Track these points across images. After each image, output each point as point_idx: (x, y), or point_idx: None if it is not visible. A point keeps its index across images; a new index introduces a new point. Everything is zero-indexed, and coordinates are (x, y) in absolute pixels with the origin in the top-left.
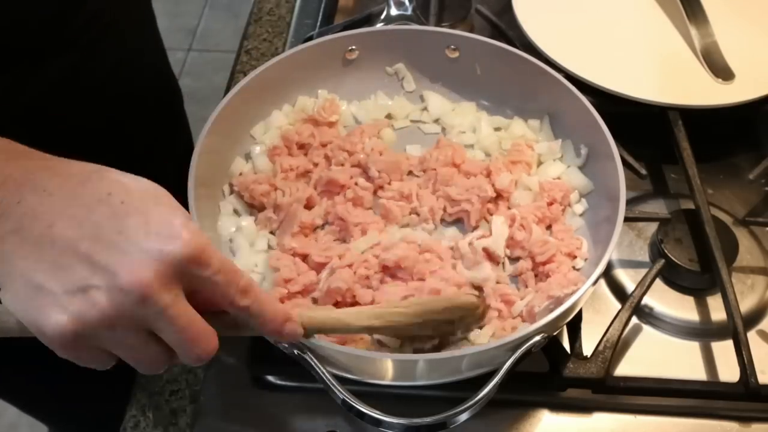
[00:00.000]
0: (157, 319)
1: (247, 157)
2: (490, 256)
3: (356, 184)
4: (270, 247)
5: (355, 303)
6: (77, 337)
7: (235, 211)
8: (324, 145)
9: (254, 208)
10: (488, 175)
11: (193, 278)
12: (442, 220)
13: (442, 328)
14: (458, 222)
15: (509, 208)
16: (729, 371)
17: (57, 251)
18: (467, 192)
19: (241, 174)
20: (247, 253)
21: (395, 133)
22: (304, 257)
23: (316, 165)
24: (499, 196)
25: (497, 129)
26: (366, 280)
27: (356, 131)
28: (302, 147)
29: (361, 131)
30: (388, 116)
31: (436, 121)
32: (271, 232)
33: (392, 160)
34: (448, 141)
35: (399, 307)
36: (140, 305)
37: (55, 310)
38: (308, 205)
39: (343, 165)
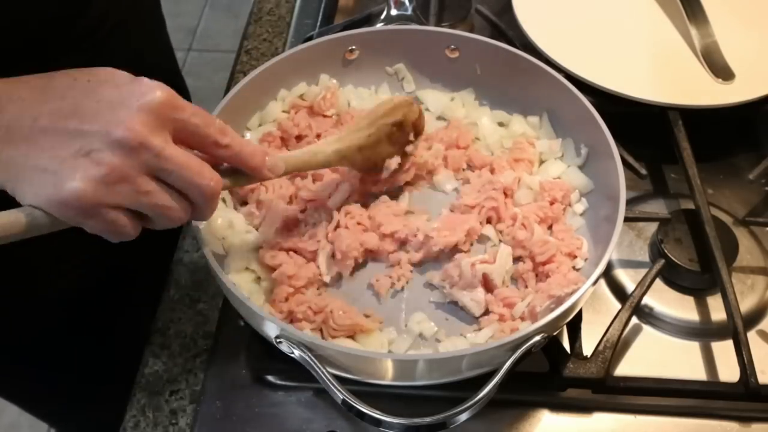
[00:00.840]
0: (158, 161)
1: None
2: (487, 283)
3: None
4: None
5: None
6: (94, 196)
7: (223, 200)
8: (318, 136)
9: (243, 202)
10: (492, 171)
11: (175, 122)
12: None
13: (396, 136)
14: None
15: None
16: (729, 371)
17: (49, 137)
18: (484, 188)
19: None
20: (240, 252)
21: None
22: (295, 251)
23: None
24: (503, 194)
25: (500, 124)
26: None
27: (348, 117)
28: (300, 138)
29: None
30: None
31: (440, 118)
32: (255, 228)
33: None
34: (458, 124)
35: (354, 127)
36: (138, 151)
37: (67, 180)
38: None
39: None
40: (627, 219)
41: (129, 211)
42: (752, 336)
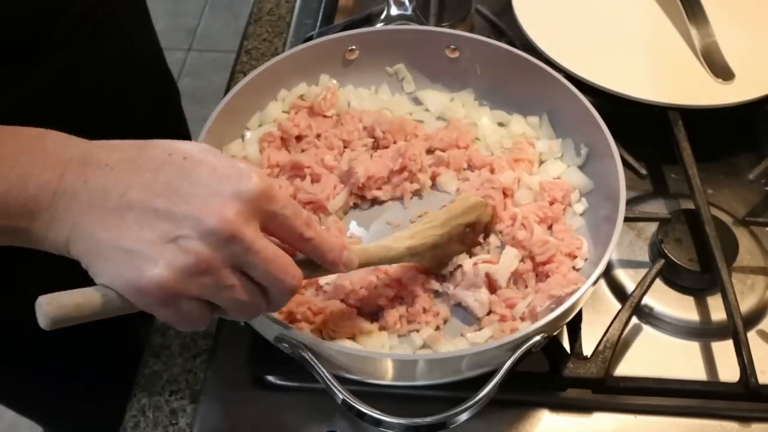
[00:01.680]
0: (247, 254)
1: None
2: (491, 284)
3: (322, 160)
4: None
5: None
6: (176, 286)
7: None
8: (318, 136)
9: None
10: (492, 171)
11: (266, 214)
12: None
13: (467, 236)
14: None
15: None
16: (729, 371)
17: (136, 215)
18: (483, 186)
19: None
20: None
21: None
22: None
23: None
24: (504, 194)
25: (500, 124)
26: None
27: (348, 117)
28: (300, 138)
29: (359, 118)
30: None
31: (439, 118)
32: None
33: (398, 120)
34: (458, 124)
35: (427, 223)
36: (229, 243)
37: (150, 265)
38: None
39: (332, 150)
40: (627, 219)
41: (204, 301)
42: (752, 336)
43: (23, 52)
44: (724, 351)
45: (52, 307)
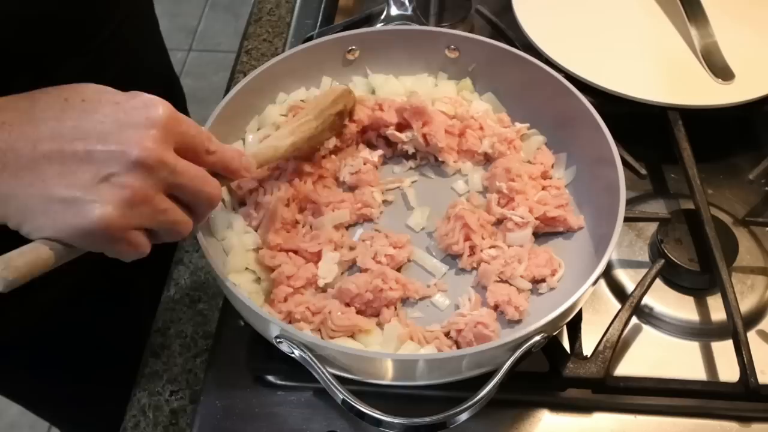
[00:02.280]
0: (174, 176)
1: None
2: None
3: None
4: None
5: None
6: (120, 221)
7: (222, 201)
8: None
9: (241, 203)
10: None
11: (177, 136)
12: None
13: (335, 123)
14: None
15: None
16: (729, 371)
17: (55, 164)
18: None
19: None
20: (240, 252)
21: None
22: (294, 252)
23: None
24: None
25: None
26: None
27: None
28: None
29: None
30: None
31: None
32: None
33: (415, 102)
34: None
35: (302, 117)
36: (156, 169)
37: (92, 207)
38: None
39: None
40: (627, 219)
41: (144, 229)
42: (752, 336)
43: (41, 60)
44: (724, 351)
45: (6, 270)
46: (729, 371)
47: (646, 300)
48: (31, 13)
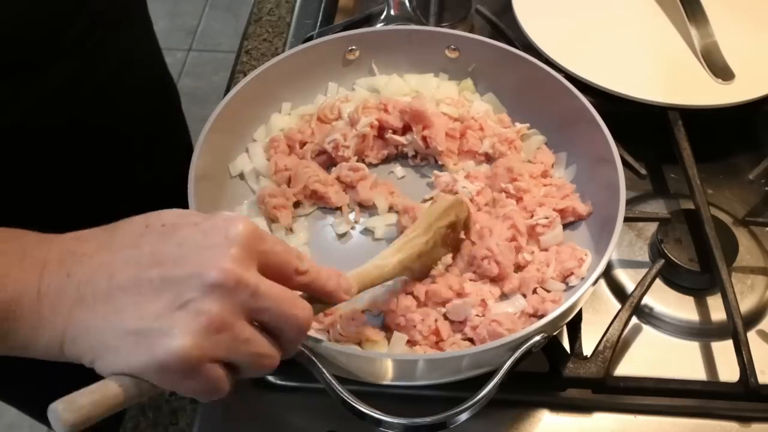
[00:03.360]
0: (255, 299)
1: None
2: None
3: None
4: None
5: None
6: (197, 352)
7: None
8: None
9: (270, 220)
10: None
11: (260, 254)
12: None
13: (448, 237)
14: None
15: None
16: (729, 371)
17: (131, 294)
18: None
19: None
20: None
21: None
22: None
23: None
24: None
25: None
26: None
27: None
28: (303, 144)
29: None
30: None
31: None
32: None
33: (416, 105)
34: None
35: (411, 233)
36: (235, 292)
37: (166, 338)
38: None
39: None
40: (627, 219)
41: (224, 363)
42: (752, 336)
43: (32, 60)
44: (724, 351)
45: (68, 411)
46: (729, 371)
47: (646, 300)
48: (16, 19)
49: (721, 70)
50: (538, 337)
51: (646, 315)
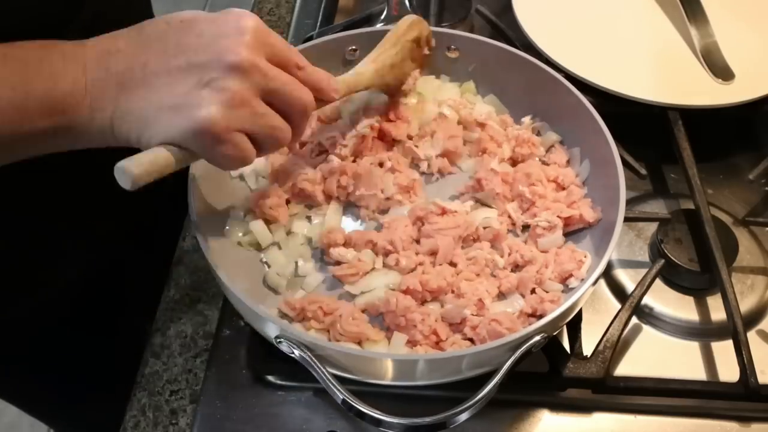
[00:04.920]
0: (267, 81)
1: None
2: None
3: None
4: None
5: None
6: (223, 121)
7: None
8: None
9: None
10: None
11: (267, 46)
12: None
13: (415, 52)
14: None
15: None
16: (729, 371)
17: (163, 78)
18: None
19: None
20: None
21: None
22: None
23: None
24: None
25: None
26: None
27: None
28: (302, 144)
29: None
30: None
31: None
32: None
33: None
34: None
35: (380, 47)
36: (250, 73)
37: (196, 110)
38: None
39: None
40: (627, 219)
41: (246, 134)
42: (752, 336)
43: None
44: (724, 351)
45: (134, 165)
46: (729, 371)
47: (646, 300)
48: (15, 15)
49: (721, 70)
50: (538, 337)
51: (646, 315)
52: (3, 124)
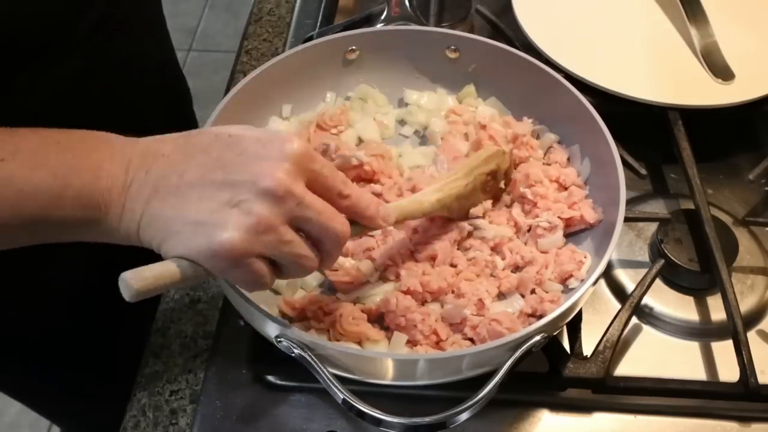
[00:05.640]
0: (300, 208)
1: None
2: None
3: None
4: None
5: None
6: (244, 245)
7: None
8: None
9: None
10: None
11: (309, 173)
12: None
13: (488, 184)
14: None
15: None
16: (729, 371)
17: (196, 190)
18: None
19: None
20: None
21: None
22: None
23: None
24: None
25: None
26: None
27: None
28: None
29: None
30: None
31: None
32: None
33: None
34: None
35: (452, 175)
36: (284, 200)
37: (219, 230)
38: None
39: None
40: (627, 219)
41: (267, 260)
42: (752, 336)
43: (44, 53)
44: (724, 351)
45: (135, 279)
46: (729, 371)
47: (646, 300)
48: (26, 12)
49: (721, 70)
50: (538, 337)
51: (646, 315)
52: (34, 209)
